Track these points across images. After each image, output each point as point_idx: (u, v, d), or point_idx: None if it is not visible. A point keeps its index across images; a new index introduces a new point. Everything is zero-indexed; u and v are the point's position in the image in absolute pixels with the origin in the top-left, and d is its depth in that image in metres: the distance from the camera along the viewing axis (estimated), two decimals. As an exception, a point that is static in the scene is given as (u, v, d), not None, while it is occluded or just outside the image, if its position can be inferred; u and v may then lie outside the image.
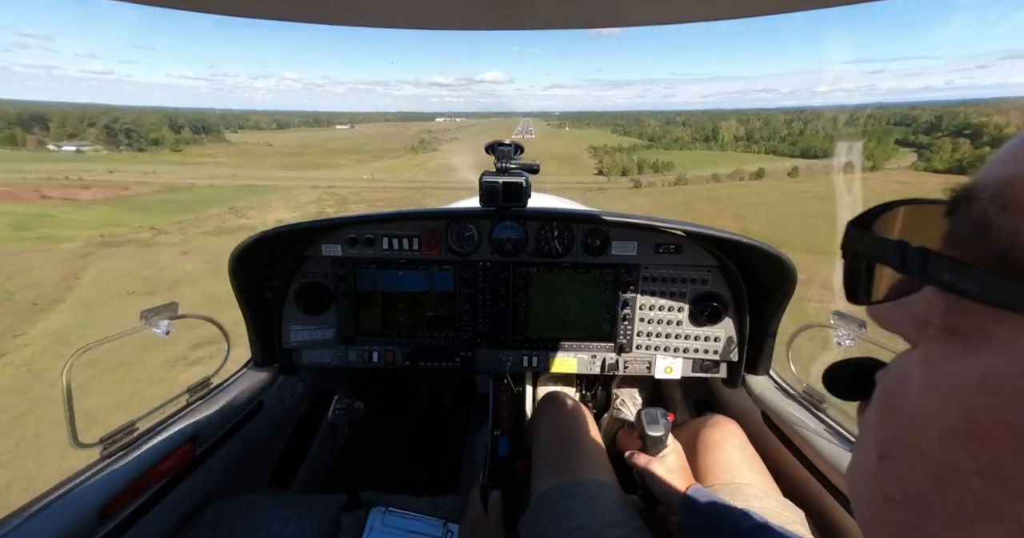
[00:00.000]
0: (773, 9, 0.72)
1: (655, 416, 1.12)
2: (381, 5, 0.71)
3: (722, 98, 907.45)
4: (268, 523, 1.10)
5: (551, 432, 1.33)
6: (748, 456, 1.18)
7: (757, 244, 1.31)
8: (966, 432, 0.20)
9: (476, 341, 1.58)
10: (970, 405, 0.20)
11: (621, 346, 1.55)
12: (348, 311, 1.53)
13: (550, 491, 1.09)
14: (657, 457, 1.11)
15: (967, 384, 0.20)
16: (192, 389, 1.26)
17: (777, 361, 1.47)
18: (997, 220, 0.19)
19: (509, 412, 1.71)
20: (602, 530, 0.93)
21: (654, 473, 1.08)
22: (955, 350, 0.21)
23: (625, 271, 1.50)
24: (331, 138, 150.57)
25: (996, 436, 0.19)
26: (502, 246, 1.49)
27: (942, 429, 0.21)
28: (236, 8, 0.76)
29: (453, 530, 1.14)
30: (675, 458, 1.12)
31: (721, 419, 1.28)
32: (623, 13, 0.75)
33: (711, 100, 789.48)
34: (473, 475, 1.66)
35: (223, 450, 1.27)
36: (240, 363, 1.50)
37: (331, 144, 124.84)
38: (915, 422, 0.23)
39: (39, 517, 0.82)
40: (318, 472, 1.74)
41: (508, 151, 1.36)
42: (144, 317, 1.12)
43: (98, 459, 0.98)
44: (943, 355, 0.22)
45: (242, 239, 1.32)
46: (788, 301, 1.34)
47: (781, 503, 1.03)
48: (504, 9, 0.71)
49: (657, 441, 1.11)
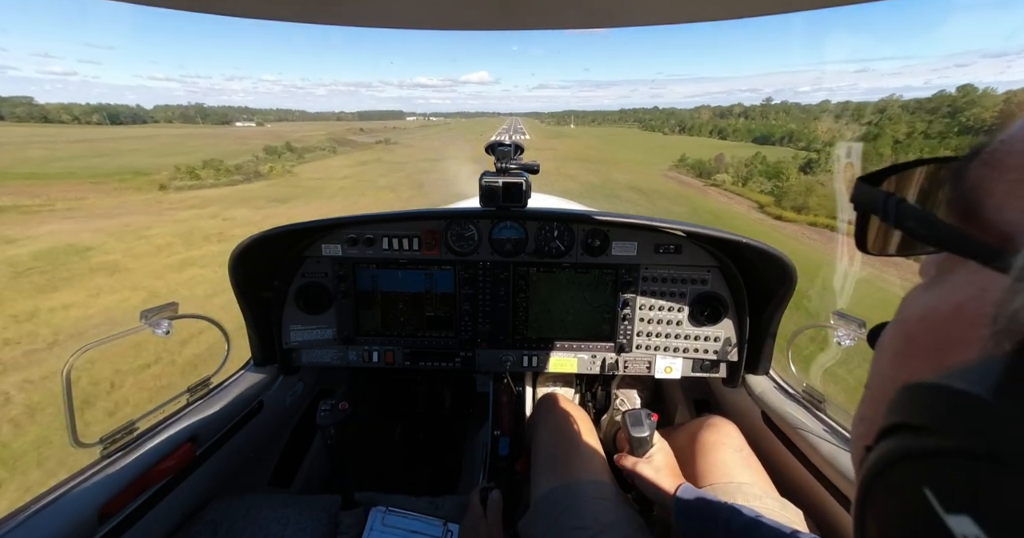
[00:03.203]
0: (773, 9, 0.72)
1: (639, 417, 1.12)
2: (380, 5, 0.71)
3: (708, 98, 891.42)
4: (268, 523, 1.10)
5: (551, 433, 1.33)
6: (746, 457, 1.18)
7: (757, 244, 1.31)
8: (903, 352, 0.24)
9: (476, 341, 1.58)
10: (908, 331, 0.24)
11: (621, 346, 1.55)
12: (348, 311, 1.53)
13: (550, 492, 1.09)
14: (644, 458, 1.11)
15: (913, 314, 0.24)
16: (192, 389, 1.26)
17: (777, 361, 1.47)
18: (972, 172, 0.22)
19: (509, 412, 1.71)
20: (603, 531, 0.93)
21: (642, 474, 1.09)
22: (920, 290, 0.25)
23: (625, 271, 1.49)
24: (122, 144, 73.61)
25: (915, 353, 0.22)
26: (502, 246, 1.49)
27: (892, 352, 0.25)
28: (236, 8, 0.76)
29: (453, 530, 1.14)
30: (662, 457, 1.12)
31: (718, 420, 1.28)
32: (622, 13, 0.75)
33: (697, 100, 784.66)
34: (473, 475, 1.66)
35: (223, 450, 1.27)
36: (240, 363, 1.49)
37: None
38: (880, 353, 0.27)
39: (39, 517, 0.82)
40: (318, 472, 1.74)
41: (508, 151, 1.36)
42: (144, 317, 1.13)
43: (98, 459, 0.98)
44: (911, 295, 0.26)
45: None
46: (788, 301, 1.34)
47: (780, 503, 1.03)
48: (503, 9, 0.71)
49: (643, 442, 1.11)
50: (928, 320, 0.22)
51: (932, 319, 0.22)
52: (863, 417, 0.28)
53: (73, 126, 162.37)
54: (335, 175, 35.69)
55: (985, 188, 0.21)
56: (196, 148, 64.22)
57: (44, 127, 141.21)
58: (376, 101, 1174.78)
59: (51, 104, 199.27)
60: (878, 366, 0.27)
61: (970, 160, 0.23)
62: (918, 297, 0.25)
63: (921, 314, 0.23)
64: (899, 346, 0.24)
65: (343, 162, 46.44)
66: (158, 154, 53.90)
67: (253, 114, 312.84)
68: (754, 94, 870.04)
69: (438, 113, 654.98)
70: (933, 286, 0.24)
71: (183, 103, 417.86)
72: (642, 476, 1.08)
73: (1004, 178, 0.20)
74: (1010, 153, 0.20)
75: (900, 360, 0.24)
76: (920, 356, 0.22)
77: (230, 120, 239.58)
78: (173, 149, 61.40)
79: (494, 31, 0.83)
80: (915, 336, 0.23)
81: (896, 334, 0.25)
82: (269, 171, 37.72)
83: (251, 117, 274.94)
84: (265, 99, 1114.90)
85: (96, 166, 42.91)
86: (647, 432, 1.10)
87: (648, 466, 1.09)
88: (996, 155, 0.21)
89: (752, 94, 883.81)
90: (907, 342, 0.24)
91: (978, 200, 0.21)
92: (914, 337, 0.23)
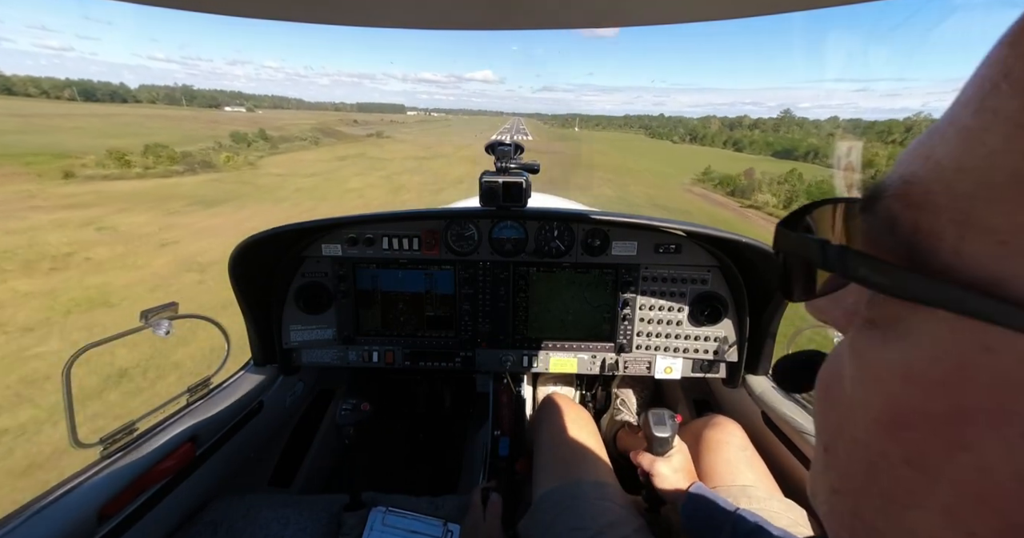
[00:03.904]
0: (773, 9, 0.72)
1: (662, 417, 1.11)
2: (380, 5, 0.71)
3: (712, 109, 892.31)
4: (268, 523, 1.10)
5: (552, 433, 1.33)
6: (750, 457, 1.18)
7: (757, 244, 1.31)
8: (890, 421, 0.20)
9: (476, 341, 1.58)
10: (892, 394, 0.20)
11: (621, 346, 1.55)
12: (348, 311, 1.53)
13: (551, 492, 1.09)
14: (663, 457, 1.11)
15: (888, 374, 0.21)
16: (192, 389, 1.26)
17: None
18: (901, 215, 0.20)
19: (509, 412, 1.71)
20: (603, 531, 0.94)
21: (660, 473, 1.08)
22: (876, 341, 0.22)
23: (625, 271, 1.49)
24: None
25: (915, 424, 0.19)
26: (502, 246, 1.49)
27: (871, 419, 0.21)
28: (236, 8, 0.76)
29: (453, 530, 1.14)
30: (681, 458, 1.12)
31: (723, 420, 1.28)
32: (623, 13, 0.75)
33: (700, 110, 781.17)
34: (473, 475, 1.66)
35: (223, 450, 1.27)
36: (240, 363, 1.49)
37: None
38: (849, 413, 0.23)
39: (38, 517, 0.82)
40: (318, 472, 1.75)
41: (508, 151, 1.36)
42: (144, 317, 1.13)
43: (98, 459, 0.98)
44: (867, 347, 0.23)
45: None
46: (788, 301, 1.34)
47: (785, 504, 1.03)
48: (503, 9, 0.71)
49: (664, 442, 1.10)
50: (917, 384, 0.19)
51: (924, 383, 0.19)
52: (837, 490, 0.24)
53: (40, 100, 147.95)
54: (302, 171, 28.61)
55: (926, 230, 0.19)
56: (155, 130, 53.29)
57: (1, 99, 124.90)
58: (380, 94, 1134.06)
59: (18, 76, 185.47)
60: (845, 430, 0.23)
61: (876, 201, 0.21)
62: (876, 351, 0.22)
63: (903, 374, 0.20)
64: (880, 413, 0.21)
65: (320, 156, 38.74)
66: (104, 135, 43.59)
67: (246, 99, 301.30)
68: (757, 107, 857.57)
69: (440, 109, 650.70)
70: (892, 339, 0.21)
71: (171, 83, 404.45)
72: (660, 475, 1.08)
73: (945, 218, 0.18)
74: (931, 192, 0.19)
75: (888, 432, 0.20)
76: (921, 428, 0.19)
77: (219, 104, 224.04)
78: (126, 130, 50.88)
79: (495, 31, 0.83)
80: (905, 403, 0.20)
81: (869, 395, 0.22)
82: (225, 161, 30.58)
83: (243, 102, 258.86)
84: (268, 86, 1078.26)
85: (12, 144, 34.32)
86: (669, 433, 1.10)
87: (666, 465, 1.09)
88: (914, 194, 0.20)
89: (755, 107, 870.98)
90: (893, 410, 0.20)
91: (924, 244, 0.19)
92: (904, 404, 0.20)
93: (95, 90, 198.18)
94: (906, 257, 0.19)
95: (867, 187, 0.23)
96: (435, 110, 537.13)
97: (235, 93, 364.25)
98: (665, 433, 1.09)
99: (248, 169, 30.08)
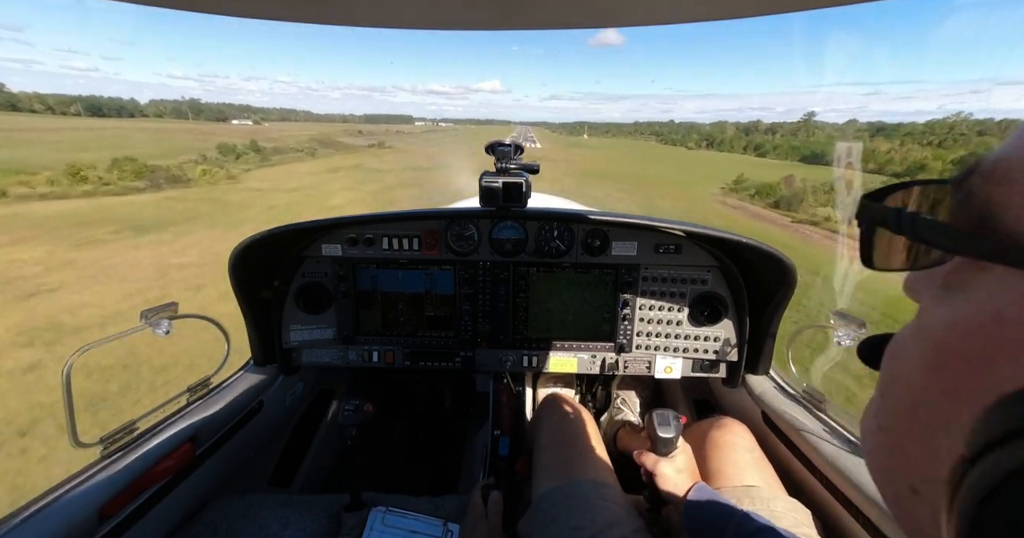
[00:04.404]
0: (773, 9, 0.72)
1: (667, 418, 1.11)
2: (380, 5, 0.71)
3: (718, 114, 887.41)
4: (268, 523, 1.10)
5: (552, 433, 1.33)
6: (757, 458, 1.18)
7: (757, 244, 1.31)
8: (934, 361, 0.25)
9: (476, 341, 1.58)
10: (938, 339, 0.25)
11: (621, 346, 1.55)
12: (348, 311, 1.53)
13: (551, 492, 1.09)
14: (666, 457, 1.11)
15: (939, 323, 0.25)
16: (192, 389, 1.26)
17: (777, 361, 1.47)
18: (978, 189, 0.24)
19: (509, 412, 1.71)
20: (602, 531, 0.93)
21: (663, 473, 1.08)
22: (940, 299, 0.26)
23: (625, 271, 1.49)
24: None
25: (954, 362, 0.23)
26: (502, 246, 1.49)
27: (920, 361, 0.26)
28: (236, 8, 0.76)
29: (453, 530, 1.14)
30: (684, 459, 1.12)
31: (731, 422, 1.28)
32: (622, 13, 0.75)
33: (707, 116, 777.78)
34: (473, 475, 1.66)
35: (223, 450, 1.27)
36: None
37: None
38: (904, 362, 0.28)
39: (38, 517, 0.82)
40: (318, 472, 1.74)
41: (508, 151, 1.36)
42: (144, 317, 1.13)
43: (98, 459, 0.98)
44: (926, 308, 0.27)
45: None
46: (788, 301, 1.34)
47: (790, 504, 1.03)
48: (504, 9, 0.71)
49: (668, 442, 1.10)
50: (961, 328, 0.23)
51: (966, 327, 0.23)
52: (883, 427, 0.29)
53: (45, 116, 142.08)
54: (285, 185, 25.47)
55: (997, 202, 0.23)
56: (137, 143, 47.64)
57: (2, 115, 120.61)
58: (390, 106, 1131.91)
59: (24, 93, 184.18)
60: (899, 377, 0.28)
61: (967, 177, 0.25)
62: (936, 308, 0.26)
63: (949, 323, 0.24)
64: (928, 356, 0.25)
65: (312, 168, 35.61)
66: (80, 149, 38.62)
67: (254, 112, 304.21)
68: (766, 112, 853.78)
69: (448, 119, 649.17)
70: (951, 297, 0.25)
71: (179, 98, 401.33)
72: (663, 475, 1.08)
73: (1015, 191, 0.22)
74: (1012, 169, 0.23)
75: (932, 370, 0.25)
76: (958, 365, 0.23)
77: (227, 117, 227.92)
78: (106, 143, 45.16)
79: (501, 34, 0.83)
80: (947, 345, 0.24)
81: (920, 344, 0.26)
82: (200, 176, 27.55)
83: (250, 115, 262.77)
84: (280, 99, 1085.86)
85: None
86: (673, 433, 1.09)
87: (670, 465, 1.09)
88: (998, 171, 0.23)
89: (764, 112, 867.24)
90: (938, 352, 0.24)
91: (993, 213, 0.23)
92: (946, 347, 0.24)
93: (101, 105, 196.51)
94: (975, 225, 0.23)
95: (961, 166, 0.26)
96: (443, 120, 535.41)
97: (243, 106, 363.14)
98: (670, 433, 1.09)
99: (227, 183, 26.80)
